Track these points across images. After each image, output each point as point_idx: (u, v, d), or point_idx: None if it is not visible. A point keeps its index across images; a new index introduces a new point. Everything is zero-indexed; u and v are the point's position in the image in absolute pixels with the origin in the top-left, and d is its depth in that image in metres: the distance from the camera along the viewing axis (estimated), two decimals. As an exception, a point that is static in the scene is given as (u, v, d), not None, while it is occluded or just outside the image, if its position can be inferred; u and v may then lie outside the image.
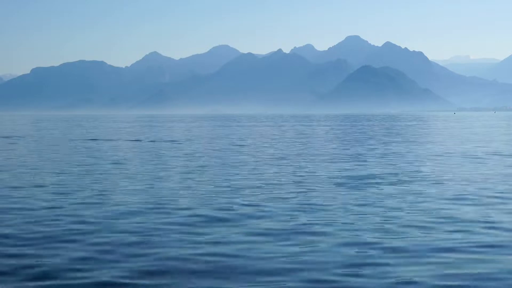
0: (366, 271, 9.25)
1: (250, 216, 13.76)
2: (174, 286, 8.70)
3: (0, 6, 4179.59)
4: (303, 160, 29.29)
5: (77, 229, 12.48)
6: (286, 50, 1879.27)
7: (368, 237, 11.43)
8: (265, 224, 12.90)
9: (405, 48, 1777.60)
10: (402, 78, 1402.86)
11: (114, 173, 23.64)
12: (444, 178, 21.25)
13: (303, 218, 13.46)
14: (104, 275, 9.17)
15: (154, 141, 49.92)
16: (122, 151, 37.86)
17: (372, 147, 40.02)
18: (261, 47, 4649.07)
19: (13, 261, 10.01)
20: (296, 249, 10.63)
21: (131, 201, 16.18)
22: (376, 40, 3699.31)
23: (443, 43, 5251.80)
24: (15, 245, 11.14)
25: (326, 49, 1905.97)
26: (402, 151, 35.22)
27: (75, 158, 32.09)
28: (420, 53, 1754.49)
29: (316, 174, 22.83)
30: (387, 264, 9.60)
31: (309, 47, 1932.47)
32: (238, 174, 23.01)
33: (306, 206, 15.09)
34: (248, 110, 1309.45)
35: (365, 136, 56.52)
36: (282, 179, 21.00)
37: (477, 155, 31.80)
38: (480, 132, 65.59)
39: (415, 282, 8.68)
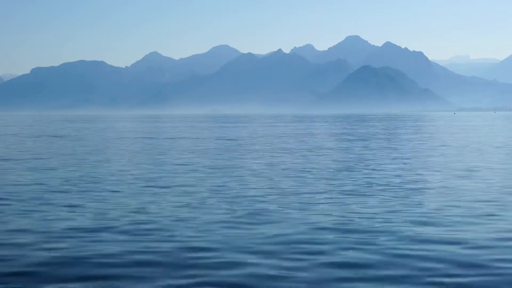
0: None
1: None
2: None
3: (0, 6, 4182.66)
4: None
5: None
6: (286, 50, 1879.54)
7: None
8: None
9: (405, 48, 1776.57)
10: (402, 78, 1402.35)
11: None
12: None
13: None
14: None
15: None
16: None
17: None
18: (261, 47, 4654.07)
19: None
20: None
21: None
22: (376, 40, 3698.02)
23: (443, 43, 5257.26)
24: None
25: (326, 49, 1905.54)
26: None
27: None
28: (420, 53, 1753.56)
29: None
30: None
31: (309, 47, 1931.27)
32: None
33: None
34: (248, 110, 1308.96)
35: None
36: None
37: None
38: None
39: None
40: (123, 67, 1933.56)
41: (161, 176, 23.16)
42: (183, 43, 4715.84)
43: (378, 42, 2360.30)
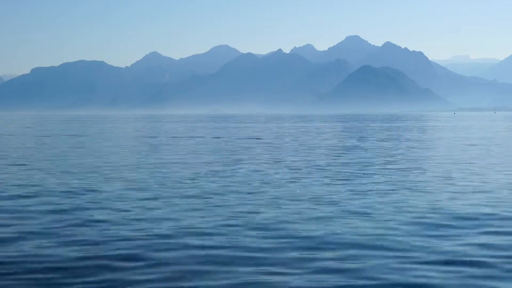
0: None
1: None
2: None
3: (0, 6, 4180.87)
4: None
5: None
6: (286, 50, 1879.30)
7: None
8: None
9: (405, 48, 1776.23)
10: (402, 78, 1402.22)
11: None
12: None
13: None
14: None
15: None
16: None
17: None
18: (261, 47, 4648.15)
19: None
20: None
21: None
22: (376, 40, 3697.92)
23: (443, 43, 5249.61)
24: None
25: (326, 49, 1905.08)
26: None
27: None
28: (420, 53, 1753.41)
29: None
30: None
31: (309, 47, 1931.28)
32: None
33: None
34: (248, 110, 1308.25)
35: None
36: None
37: None
38: None
39: None
40: (123, 67, 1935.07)
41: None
42: (183, 43, 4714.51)
43: (378, 42, 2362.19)
